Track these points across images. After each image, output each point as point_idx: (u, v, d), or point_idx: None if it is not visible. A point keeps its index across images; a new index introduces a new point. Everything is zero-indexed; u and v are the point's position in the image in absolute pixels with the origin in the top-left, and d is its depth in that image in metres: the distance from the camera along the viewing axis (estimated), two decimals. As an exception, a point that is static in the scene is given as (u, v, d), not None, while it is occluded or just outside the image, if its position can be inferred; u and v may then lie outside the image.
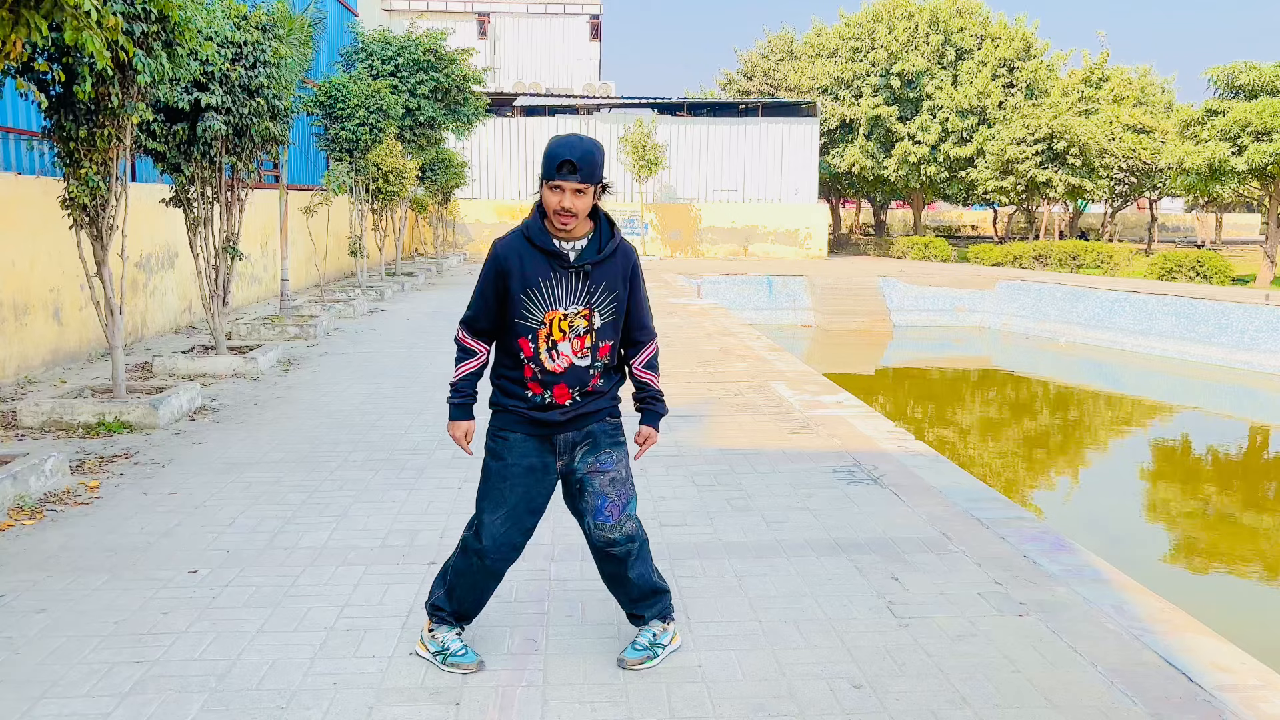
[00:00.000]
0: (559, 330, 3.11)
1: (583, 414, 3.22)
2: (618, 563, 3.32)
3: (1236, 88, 24.02)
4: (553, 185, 3.00)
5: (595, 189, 3.04)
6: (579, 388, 3.17)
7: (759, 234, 33.21)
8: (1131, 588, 4.17)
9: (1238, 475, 12.43)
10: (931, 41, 35.36)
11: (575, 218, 3.04)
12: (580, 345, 3.14)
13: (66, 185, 6.77)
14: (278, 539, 4.66)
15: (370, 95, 15.42)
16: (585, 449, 3.25)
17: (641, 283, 3.29)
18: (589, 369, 3.17)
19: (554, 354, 3.13)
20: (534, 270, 3.08)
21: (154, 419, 6.84)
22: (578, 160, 2.95)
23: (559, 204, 3.01)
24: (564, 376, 3.15)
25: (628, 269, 3.20)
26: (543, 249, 3.08)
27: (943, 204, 54.88)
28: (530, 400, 3.19)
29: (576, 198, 3.00)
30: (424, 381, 8.95)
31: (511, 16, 40.22)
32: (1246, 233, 53.93)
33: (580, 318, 3.12)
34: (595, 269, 3.12)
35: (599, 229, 3.16)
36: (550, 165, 2.98)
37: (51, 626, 3.67)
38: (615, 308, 3.18)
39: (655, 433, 3.37)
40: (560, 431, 3.22)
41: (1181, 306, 20.19)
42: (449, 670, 3.32)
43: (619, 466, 3.29)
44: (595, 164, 3.00)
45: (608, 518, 3.25)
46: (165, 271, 11.80)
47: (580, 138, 3.02)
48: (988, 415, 16.00)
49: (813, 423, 7.36)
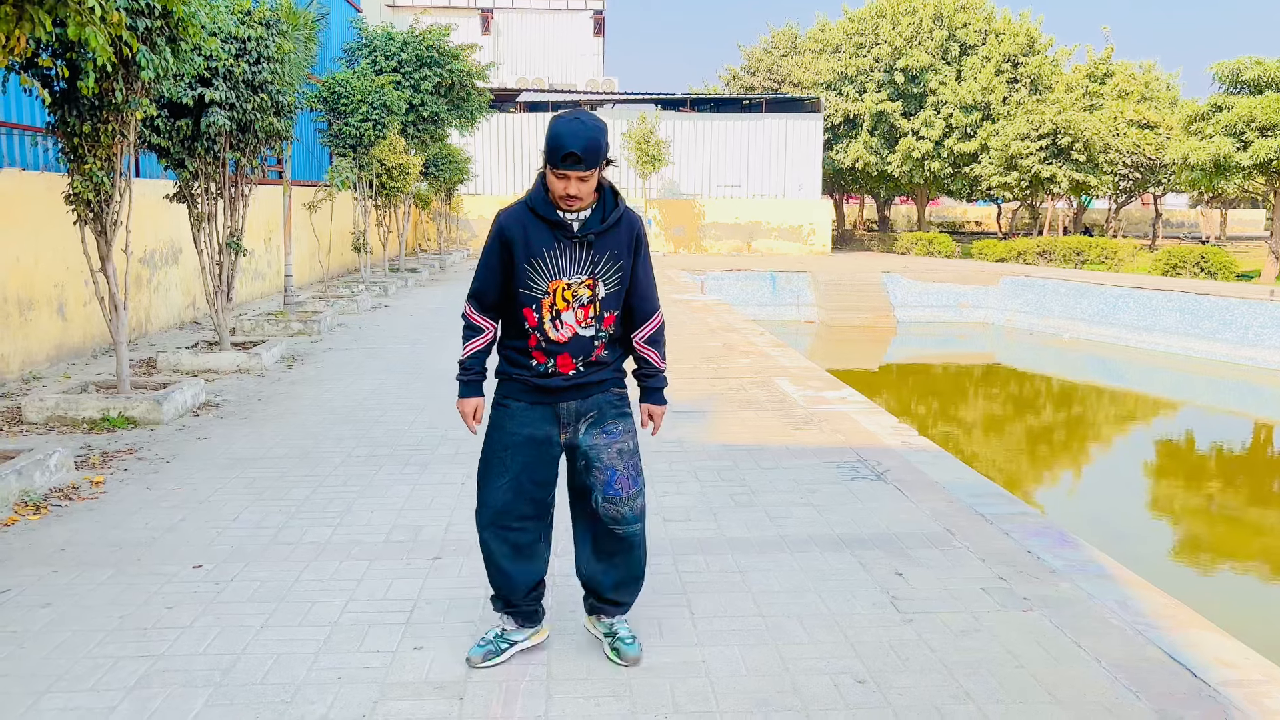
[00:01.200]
0: (563, 300, 3.12)
1: (586, 383, 3.22)
2: (619, 542, 3.30)
3: (1242, 83, 23.93)
4: (558, 173, 2.99)
5: (600, 167, 3.02)
6: (583, 357, 3.18)
7: (762, 230, 33.18)
8: (1135, 583, 4.17)
9: (1241, 471, 12.41)
10: (935, 37, 35.27)
11: (580, 200, 3.05)
12: (584, 315, 3.15)
13: (70, 181, 6.77)
14: (282, 534, 4.67)
15: (374, 91, 15.42)
16: (590, 421, 3.24)
17: (646, 252, 3.27)
18: (593, 339, 3.18)
19: (558, 323, 3.13)
20: (538, 240, 3.09)
21: (158, 414, 6.86)
22: (581, 152, 2.94)
23: (564, 190, 3.01)
24: (568, 346, 3.16)
25: (632, 237, 3.19)
26: (546, 219, 3.08)
27: (946, 200, 54.84)
28: (534, 369, 3.19)
29: (581, 184, 3.01)
30: (428, 377, 8.96)
31: (515, 12, 40.19)
32: (1251, 228, 53.76)
33: (584, 287, 3.13)
34: (599, 238, 3.12)
35: (602, 199, 3.15)
36: (554, 155, 2.96)
37: (56, 621, 3.68)
38: (620, 278, 3.18)
39: (658, 408, 3.38)
40: (563, 399, 3.21)
41: (1186, 302, 20.14)
42: (504, 648, 3.36)
43: (626, 438, 3.29)
44: (599, 150, 2.98)
45: (618, 491, 3.24)
46: (169, 267, 11.81)
47: (583, 123, 2.97)
48: (991, 411, 15.99)
49: (816, 418, 7.35)
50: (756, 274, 25.56)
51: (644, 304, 3.29)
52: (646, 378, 3.37)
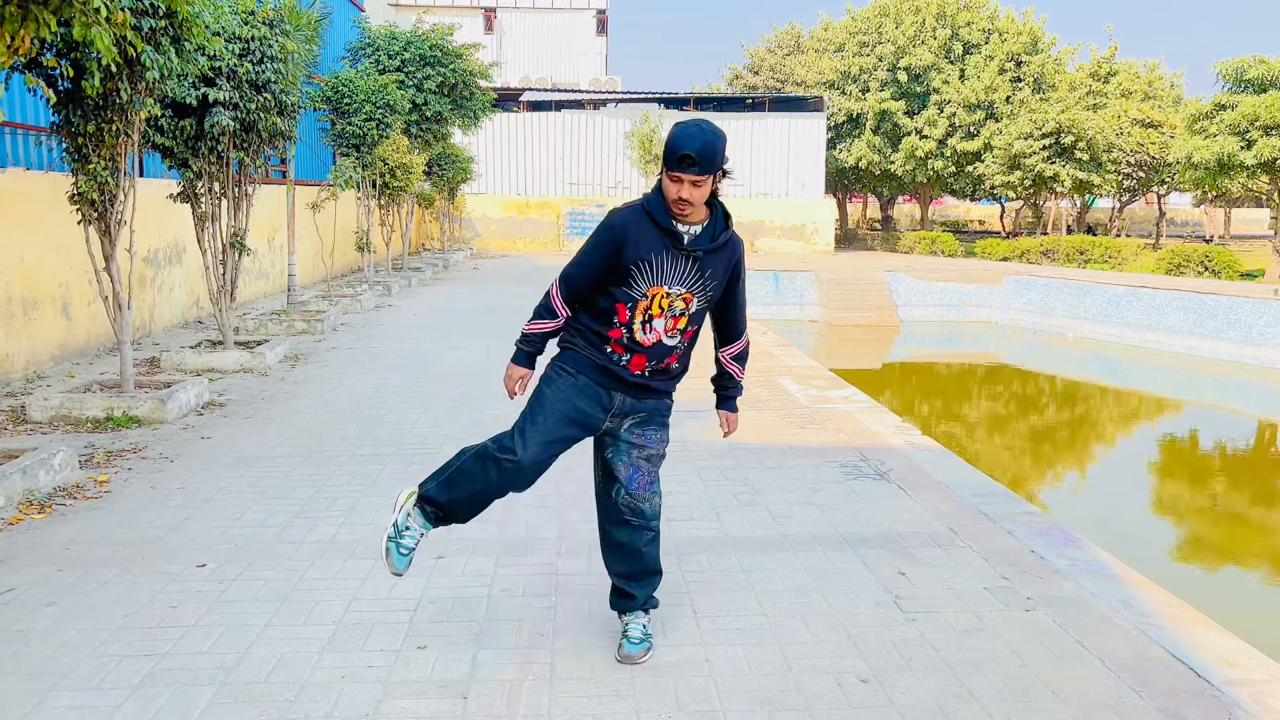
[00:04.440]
0: (658, 306, 3.19)
1: (648, 386, 3.29)
2: (635, 532, 3.37)
3: (1246, 82, 23.87)
4: (672, 176, 3.05)
5: (714, 177, 3.08)
6: (655, 362, 3.26)
7: (765, 229, 33.15)
8: (1139, 583, 4.17)
9: (1245, 470, 12.39)
10: (939, 36, 35.22)
11: (693, 206, 3.09)
12: (673, 325, 3.23)
13: (75, 180, 6.79)
14: (286, 533, 4.67)
15: (377, 90, 15.42)
16: (636, 420, 3.33)
17: (743, 277, 3.36)
18: (673, 349, 3.27)
19: (648, 327, 3.21)
20: (648, 244, 3.14)
21: (162, 414, 6.87)
22: (696, 154, 2.98)
23: (677, 194, 3.06)
24: (649, 350, 3.23)
25: (733, 262, 3.27)
26: (661, 226, 3.14)
27: (950, 199, 54.78)
28: (609, 356, 3.25)
29: (694, 189, 3.05)
30: (431, 376, 8.97)
31: (518, 11, 40.17)
32: (1255, 228, 53.65)
33: (680, 299, 3.20)
34: (706, 256, 3.18)
35: (714, 217, 3.22)
36: (671, 156, 3.02)
37: (61, 620, 3.69)
38: (712, 296, 3.27)
39: (734, 416, 3.61)
40: (621, 391, 3.27)
41: (1189, 301, 20.11)
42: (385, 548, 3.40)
43: (660, 445, 3.40)
44: (715, 155, 3.02)
45: (638, 486, 3.35)
46: (173, 266, 11.83)
47: (701, 128, 3.03)
48: (995, 410, 15.97)
49: (819, 418, 7.35)
50: (760, 273, 25.52)
51: (736, 324, 3.46)
52: (727, 388, 3.58)
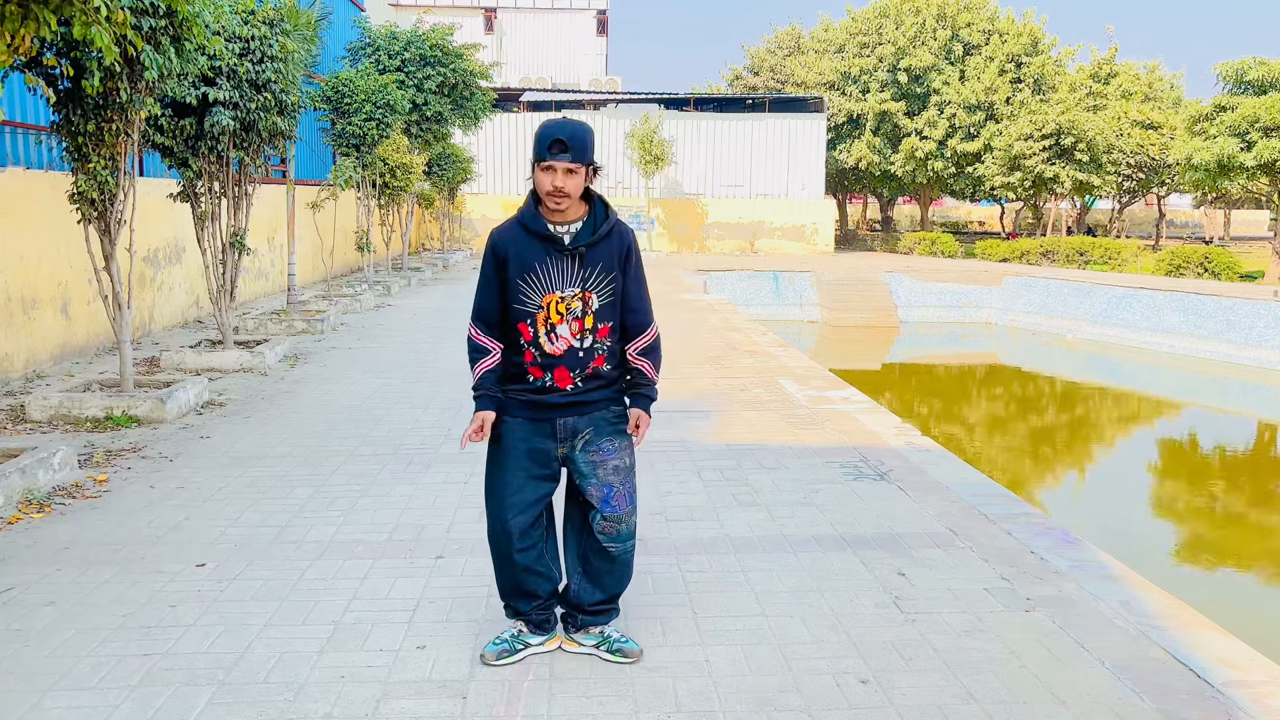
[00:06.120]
0: (556, 313, 3.16)
1: (585, 401, 3.24)
2: (610, 560, 3.33)
3: (1246, 83, 23.88)
4: (544, 166, 3.05)
5: (587, 170, 3.09)
6: (579, 370, 3.20)
7: (765, 229, 33.14)
8: (1139, 583, 4.17)
9: (1245, 471, 12.39)
10: (939, 37, 35.23)
11: (568, 198, 3.08)
12: (578, 327, 3.18)
13: (75, 180, 6.78)
14: (285, 533, 4.67)
15: (377, 90, 15.41)
16: (586, 438, 3.26)
17: (637, 264, 3.29)
18: (590, 351, 3.20)
19: (553, 336, 3.17)
20: (530, 255, 3.14)
21: (162, 413, 6.87)
22: (568, 139, 3.01)
23: (551, 184, 3.05)
24: (563, 359, 3.18)
25: (623, 250, 3.22)
26: (537, 233, 3.14)
27: (950, 200, 54.76)
28: (531, 384, 3.22)
29: (568, 177, 3.05)
30: (431, 376, 8.96)
31: (518, 11, 40.19)
32: (1255, 229, 53.67)
33: (577, 300, 3.16)
34: (590, 250, 3.16)
35: (593, 211, 3.21)
36: (541, 145, 3.04)
37: (60, 619, 3.68)
38: (613, 289, 3.21)
39: (646, 415, 3.33)
40: (561, 415, 3.23)
41: (1189, 303, 20.11)
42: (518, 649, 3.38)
43: (621, 455, 3.31)
44: (585, 143, 3.05)
45: (615, 508, 3.27)
46: (173, 266, 11.83)
47: (568, 120, 3.08)
48: (995, 411, 15.97)
49: (819, 418, 7.35)
50: (759, 274, 25.53)
51: (636, 316, 3.28)
52: (637, 385, 3.34)
